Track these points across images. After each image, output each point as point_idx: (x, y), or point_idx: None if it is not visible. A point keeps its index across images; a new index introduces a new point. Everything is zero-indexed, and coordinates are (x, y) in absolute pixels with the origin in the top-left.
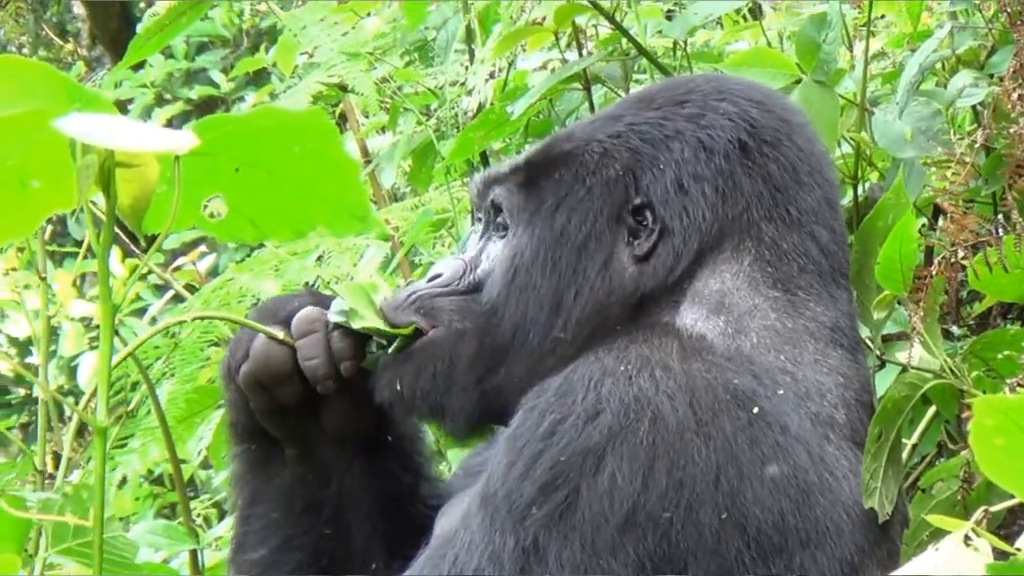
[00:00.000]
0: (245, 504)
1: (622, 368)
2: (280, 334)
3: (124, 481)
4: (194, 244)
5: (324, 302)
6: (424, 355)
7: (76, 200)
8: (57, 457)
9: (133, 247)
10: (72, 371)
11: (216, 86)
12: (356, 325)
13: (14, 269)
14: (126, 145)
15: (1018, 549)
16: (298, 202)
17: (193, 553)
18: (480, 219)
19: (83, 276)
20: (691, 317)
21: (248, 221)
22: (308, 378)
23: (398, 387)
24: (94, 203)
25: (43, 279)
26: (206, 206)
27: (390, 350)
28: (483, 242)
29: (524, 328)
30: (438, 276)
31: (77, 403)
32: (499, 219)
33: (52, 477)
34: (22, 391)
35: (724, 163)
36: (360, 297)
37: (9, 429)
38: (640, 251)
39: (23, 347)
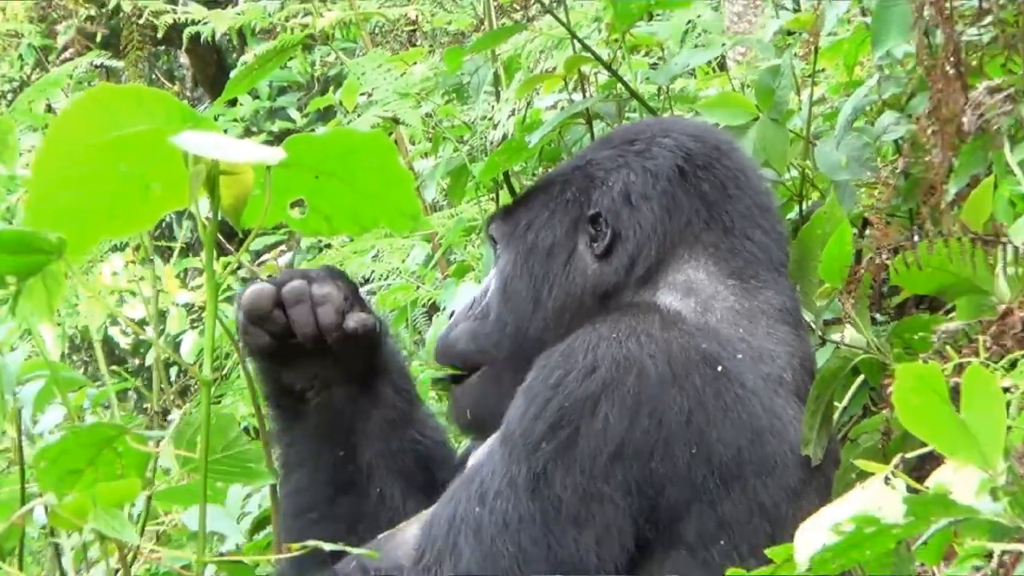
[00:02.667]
0: (282, 443)
1: (614, 335)
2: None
3: None
4: (275, 245)
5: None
6: (473, 391)
7: (188, 200)
8: (164, 413)
9: (227, 245)
10: (176, 346)
11: (292, 121)
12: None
13: (132, 262)
14: (229, 157)
15: (928, 487)
16: (364, 204)
17: (273, 487)
18: (492, 252)
19: (185, 271)
20: (668, 299)
21: (324, 219)
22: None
23: (465, 417)
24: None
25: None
26: (291, 206)
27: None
28: (493, 269)
29: (522, 328)
30: (462, 309)
31: (179, 373)
32: (497, 248)
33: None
34: (136, 361)
35: (667, 185)
36: None
37: (125, 392)
38: (599, 250)
39: (138, 326)
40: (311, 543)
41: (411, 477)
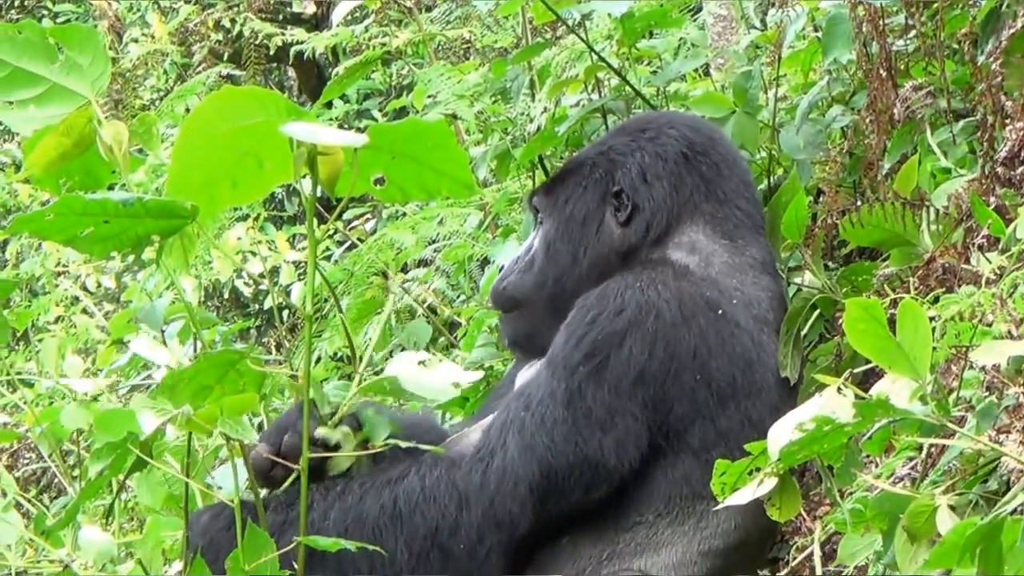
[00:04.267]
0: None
1: (638, 284)
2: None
3: (319, 359)
4: (362, 215)
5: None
6: (515, 325)
7: (293, 176)
8: (278, 346)
9: (325, 214)
10: (287, 294)
11: (375, 120)
12: None
13: (251, 229)
14: (324, 140)
15: (871, 395)
16: (430, 177)
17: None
18: (533, 220)
19: (293, 236)
20: (677, 256)
21: (399, 189)
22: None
23: (511, 340)
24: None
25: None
26: (374, 180)
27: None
28: (535, 232)
29: (560, 279)
30: (507, 263)
31: (290, 314)
32: (539, 216)
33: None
34: (256, 306)
35: (674, 167)
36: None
37: (247, 329)
38: (621, 219)
39: (257, 280)
40: (392, 441)
41: None
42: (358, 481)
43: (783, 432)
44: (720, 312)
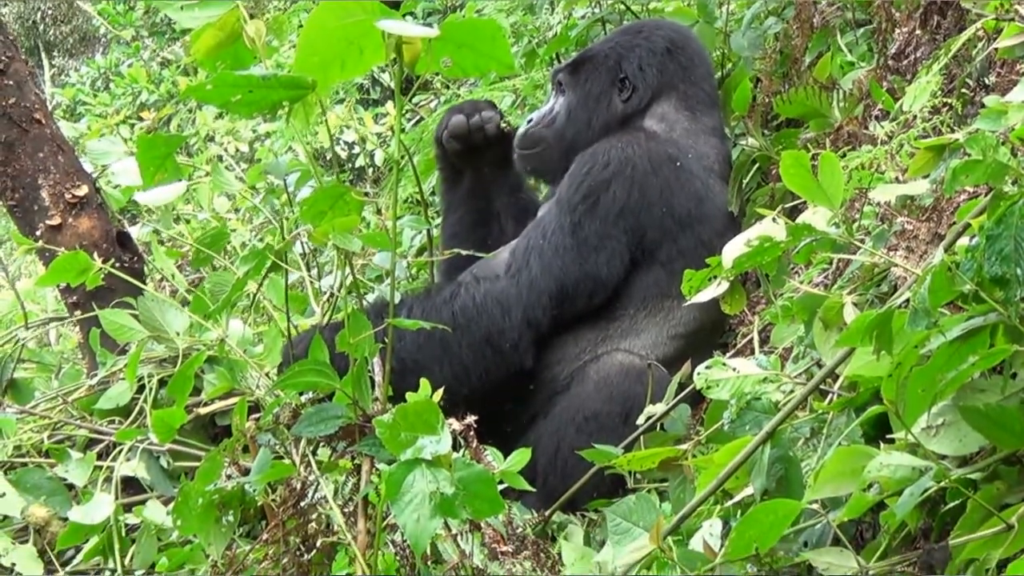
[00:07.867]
0: (445, 200)
1: (619, 144)
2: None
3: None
4: (426, 98)
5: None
6: (536, 158)
7: (385, 57)
8: (366, 194)
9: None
10: (371, 156)
11: None
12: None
13: (347, 108)
14: (408, 32)
15: (798, 222)
16: (482, 58)
17: (428, 231)
18: (553, 89)
19: (376, 115)
20: (649, 123)
21: (460, 67)
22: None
23: (527, 168)
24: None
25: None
26: (443, 61)
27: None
28: (555, 99)
29: (576, 136)
30: (535, 117)
31: (373, 171)
32: (562, 87)
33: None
34: (349, 165)
35: (661, 58)
36: None
37: (343, 182)
38: (623, 98)
39: (350, 146)
40: (454, 250)
41: (519, 219)
42: (419, 306)
43: (735, 248)
44: (679, 164)
